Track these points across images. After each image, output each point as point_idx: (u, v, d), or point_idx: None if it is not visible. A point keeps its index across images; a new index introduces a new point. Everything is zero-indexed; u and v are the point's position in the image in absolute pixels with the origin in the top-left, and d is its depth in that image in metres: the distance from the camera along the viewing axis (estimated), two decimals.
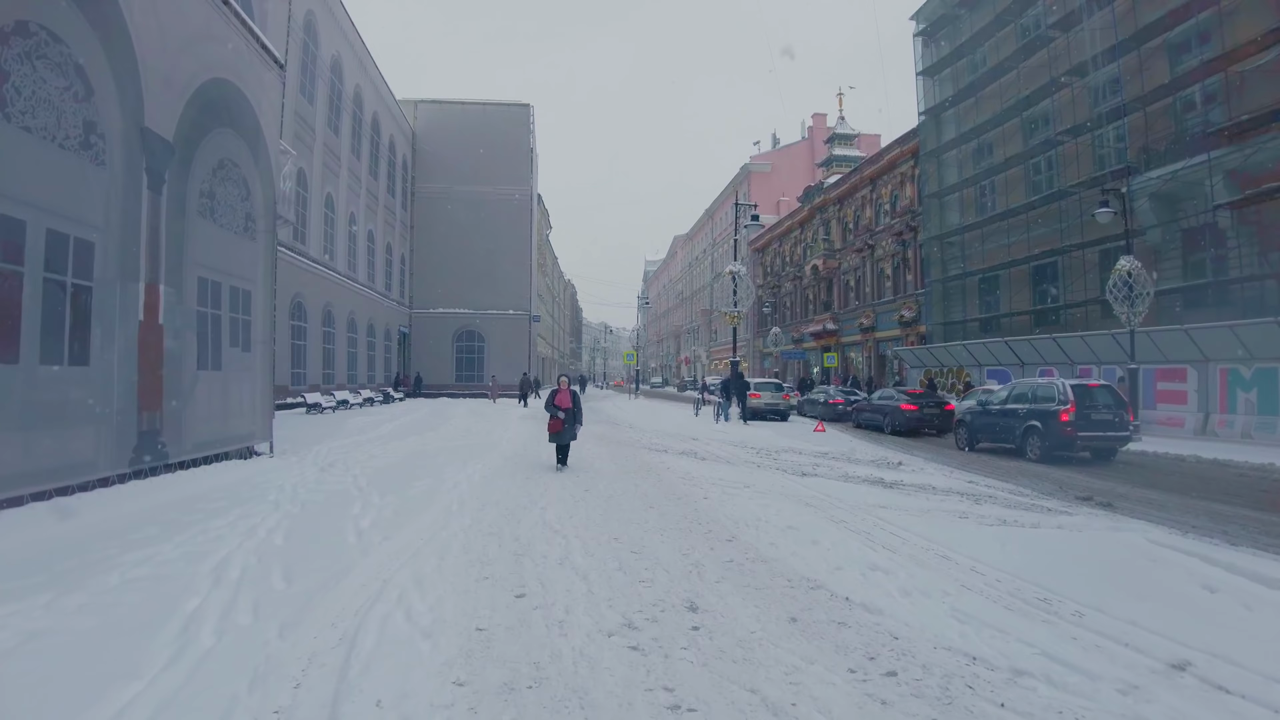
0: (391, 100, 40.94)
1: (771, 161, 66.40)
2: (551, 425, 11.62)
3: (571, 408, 11.55)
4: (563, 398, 11.63)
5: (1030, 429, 14.74)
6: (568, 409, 11.51)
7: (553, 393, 11.82)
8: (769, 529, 7.22)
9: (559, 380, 12.16)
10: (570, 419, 11.52)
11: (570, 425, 11.55)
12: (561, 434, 11.53)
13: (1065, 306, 26.57)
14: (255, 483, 8.94)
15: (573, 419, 11.58)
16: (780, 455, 13.90)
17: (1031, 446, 14.67)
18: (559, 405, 11.53)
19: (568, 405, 11.55)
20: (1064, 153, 26.59)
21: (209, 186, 9.28)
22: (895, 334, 39.38)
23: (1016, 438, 15.09)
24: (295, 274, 27.21)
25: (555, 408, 11.54)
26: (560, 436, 11.56)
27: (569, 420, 11.50)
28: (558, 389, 11.89)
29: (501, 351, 45.73)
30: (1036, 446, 14.55)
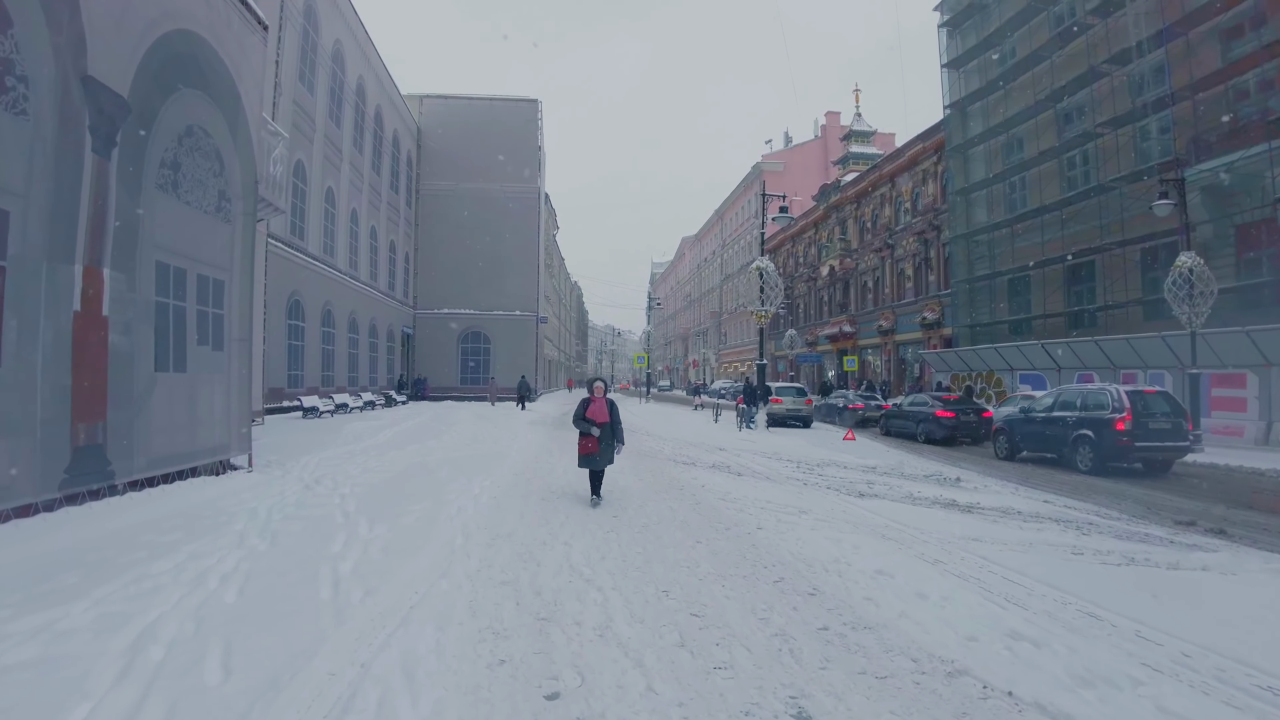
0: (396, 94, 39.60)
1: (784, 160, 64.98)
2: (583, 445, 8.84)
3: (609, 422, 8.84)
4: (597, 409, 8.86)
5: (1081, 438, 13.66)
6: (604, 424, 8.78)
7: (584, 403, 9.00)
8: (854, 575, 5.76)
9: (593, 386, 9.26)
10: (608, 438, 8.80)
11: (608, 446, 8.81)
12: (596, 457, 8.76)
13: (1104, 308, 25.04)
14: (223, 506, 7.51)
15: (611, 437, 8.84)
16: (823, 470, 12.44)
17: (1082, 457, 13.58)
18: (592, 419, 8.78)
19: (604, 419, 8.80)
20: (1103, 145, 25.12)
21: (173, 156, 7.85)
22: (916, 337, 37.97)
23: (1065, 447, 14.06)
24: (292, 270, 25.85)
25: (587, 422, 8.77)
26: (594, 460, 8.79)
27: (606, 439, 8.77)
28: (590, 397, 9.06)
29: (507, 353, 44.30)
30: (1088, 457, 13.46)
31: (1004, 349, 27.96)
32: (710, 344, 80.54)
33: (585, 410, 8.93)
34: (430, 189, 44.81)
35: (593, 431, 8.72)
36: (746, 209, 68.14)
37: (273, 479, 9.46)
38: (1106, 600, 5.24)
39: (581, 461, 8.94)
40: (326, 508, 7.72)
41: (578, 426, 8.94)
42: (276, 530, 6.58)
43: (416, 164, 44.56)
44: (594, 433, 8.71)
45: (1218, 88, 21.55)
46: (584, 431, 8.86)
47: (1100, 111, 25.14)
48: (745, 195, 68.59)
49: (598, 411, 8.86)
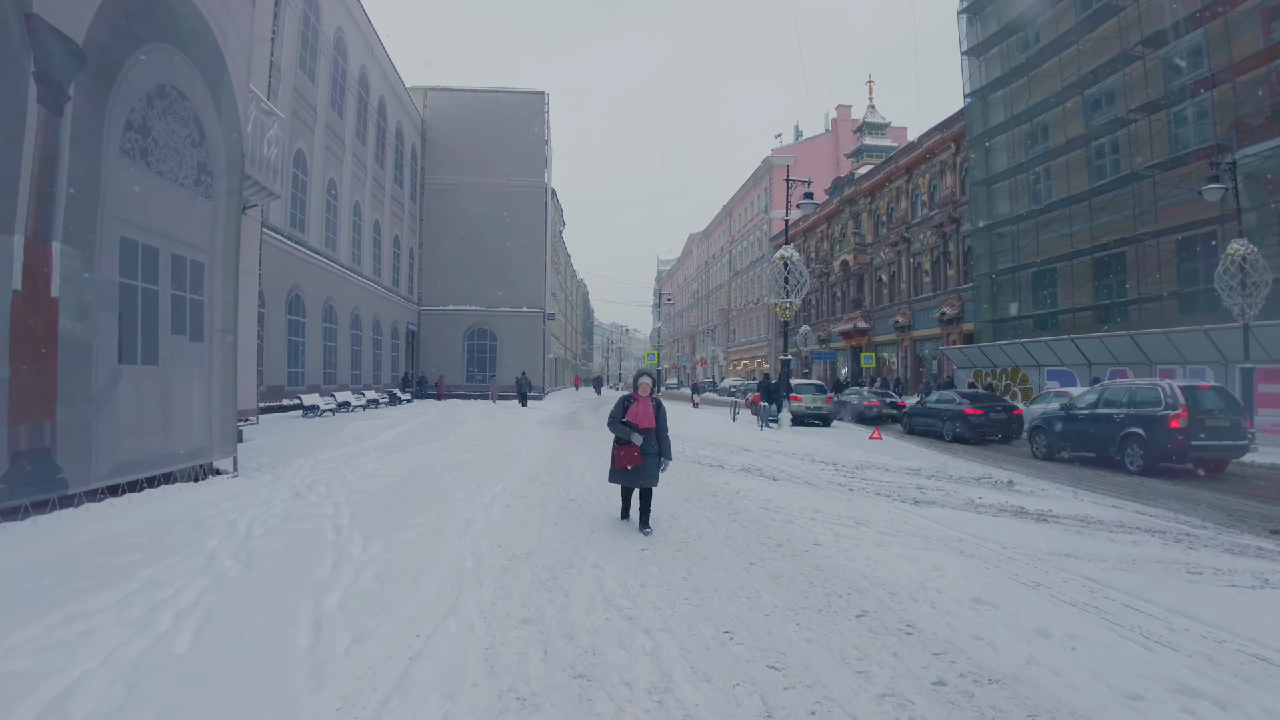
0: (400, 85, 38.64)
1: (794, 154, 63.67)
2: (620, 456, 7.04)
3: (656, 427, 7.04)
4: (641, 411, 7.00)
5: (1130, 437, 12.80)
6: (648, 430, 6.97)
7: (623, 402, 7.17)
8: (949, 604, 4.75)
9: (637, 382, 7.38)
10: (652, 448, 6.97)
11: (653, 460, 6.96)
12: (636, 472, 6.93)
13: (1137, 301, 23.91)
14: (198, 518, 6.52)
15: (657, 447, 7.02)
16: (864, 473, 11.41)
17: (1131, 457, 12.71)
18: (633, 422, 6.96)
19: (650, 424, 7.01)
20: (1135, 132, 23.99)
21: (142, 119, 6.85)
22: (935, 333, 36.93)
23: (1111, 447, 13.21)
24: (292, 264, 24.89)
25: (627, 426, 6.97)
26: (633, 476, 6.96)
27: (650, 450, 6.95)
28: (631, 396, 7.20)
29: (514, 351, 43.29)
30: (1138, 457, 12.58)
31: (1031, 344, 26.88)
32: (719, 341, 79.47)
33: (625, 411, 7.05)
34: (435, 183, 43.81)
35: (633, 439, 6.91)
36: (756, 204, 67.08)
37: (260, 485, 8.47)
38: (1266, 636, 4.24)
39: (615, 476, 7.12)
40: (317, 520, 6.71)
41: (615, 431, 7.13)
42: (255, 549, 5.57)
43: (421, 158, 43.59)
44: (635, 440, 6.90)
45: (1259, 69, 20.47)
46: (622, 438, 7.02)
47: (1132, 96, 24.01)
48: (754, 190, 67.51)
49: (641, 414, 6.98)
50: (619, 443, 7.10)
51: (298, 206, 25.64)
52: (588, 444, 15.36)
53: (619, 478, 7.12)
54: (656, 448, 7.03)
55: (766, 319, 63.47)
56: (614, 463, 7.13)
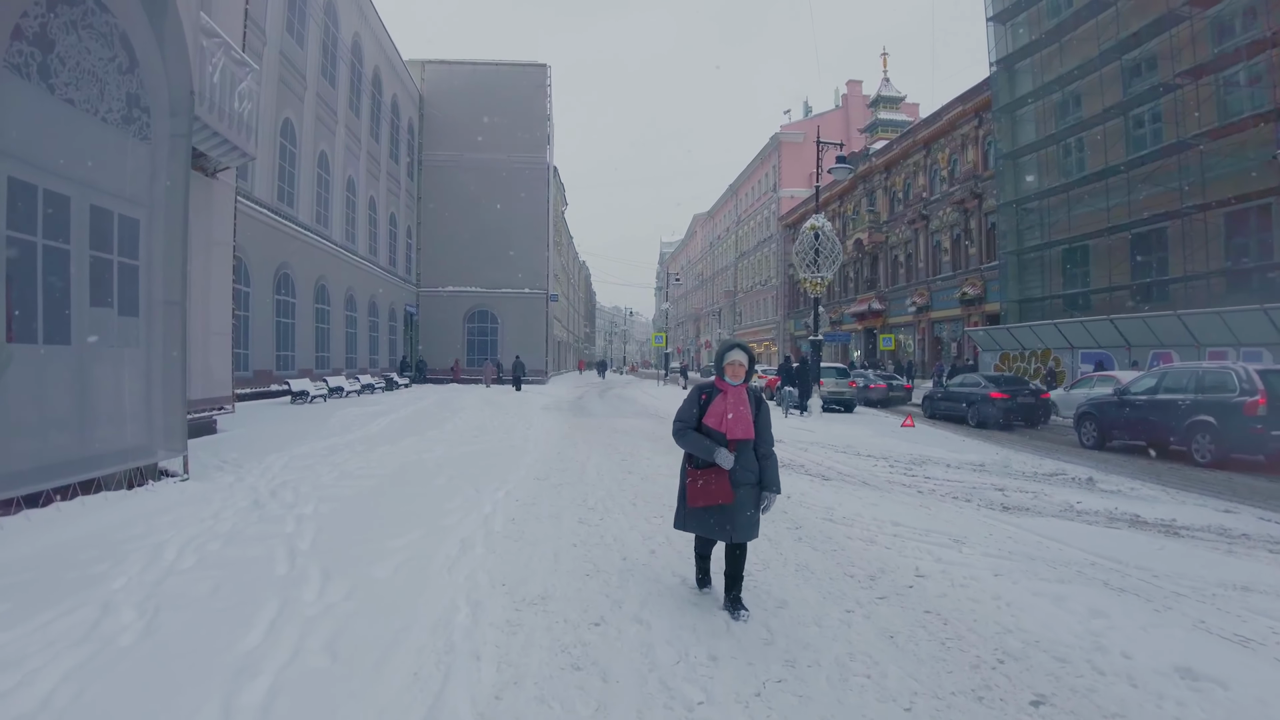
0: (396, 56, 36.90)
1: (804, 131, 61.83)
2: (697, 490, 4.23)
3: (756, 438, 4.32)
4: (730, 410, 4.24)
5: (1198, 425, 11.62)
6: (743, 442, 4.25)
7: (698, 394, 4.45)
8: (1150, 678, 3.28)
9: (724, 359, 4.44)
10: (752, 471, 4.30)
11: (749, 496, 4.27)
12: (725, 518, 4.23)
13: (1182, 279, 22.30)
14: (114, 542, 5.04)
15: (756, 473, 4.33)
16: (922, 469, 9.93)
17: (1200, 447, 11.53)
18: (719, 429, 4.23)
19: (748, 432, 4.25)
20: (1183, 98, 22.29)
21: (39, 27, 5.28)
22: (955, 314, 35.41)
23: (1175, 436, 12.11)
24: (280, 240, 23.35)
25: (704, 440, 4.25)
26: (722, 523, 4.25)
27: (747, 478, 4.26)
28: (715, 383, 4.45)
29: (516, 333, 41.76)
30: (1208, 447, 11.41)
31: (1065, 325, 25.35)
32: (725, 324, 77.85)
33: (705, 409, 4.32)
34: (433, 159, 42.17)
35: (720, 460, 4.14)
36: (764, 183, 65.31)
37: (214, 491, 6.99)
38: None
39: (688, 520, 4.39)
40: (269, 543, 5.22)
41: (687, 446, 4.36)
42: (172, 594, 4.08)
43: (419, 133, 41.92)
44: (723, 463, 4.14)
45: None
46: (700, 458, 4.26)
47: (1179, 60, 22.32)
48: (762, 168, 65.72)
49: (733, 416, 4.20)
50: (695, 466, 4.28)
51: (286, 180, 24.07)
52: (598, 434, 13.89)
53: (696, 524, 4.35)
54: (756, 474, 4.28)
55: (775, 300, 61.90)
56: (685, 497, 4.33)
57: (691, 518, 4.36)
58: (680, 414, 4.46)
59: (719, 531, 4.27)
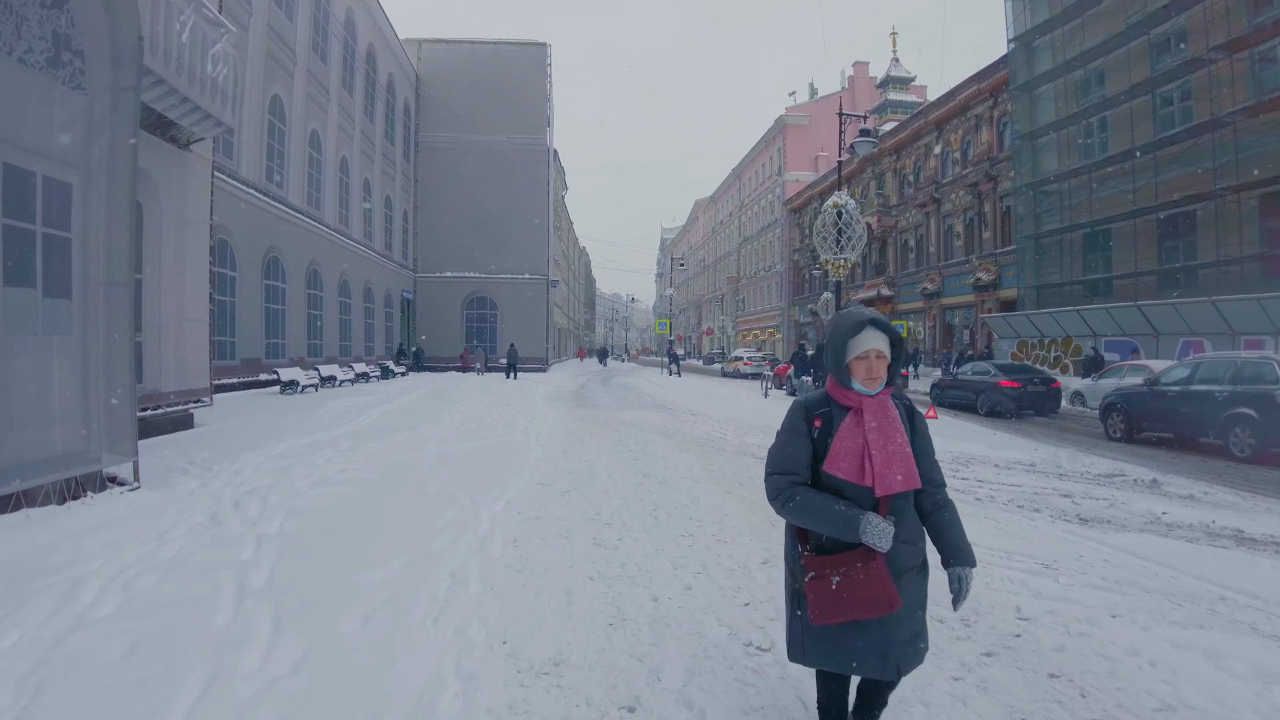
0: (391, 34, 35.70)
1: (809, 113, 60.69)
2: (832, 596, 2.31)
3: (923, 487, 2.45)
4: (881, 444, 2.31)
5: (1237, 418, 11.06)
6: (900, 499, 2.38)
7: (804, 417, 2.52)
8: None
9: (856, 339, 2.40)
10: (918, 538, 2.46)
11: (918, 587, 2.45)
12: (878, 641, 2.34)
13: (1215, 264, 21.26)
14: (22, 575, 4.05)
15: (922, 547, 2.47)
16: (969, 469, 8.95)
17: (1239, 441, 10.97)
18: (858, 480, 2.31)
19: (912, 481, 2.35)
20: (1216, 73, 21.19)
21: None
22: (967, 300, 34.43)
23: (1212, 429, 11.57)
24: (269, 223, 22.31)
25: (846, 508, 2.29)
26: (871, 653, 2.35)
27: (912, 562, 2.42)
28: (824, 397, 2.54)
29: (515, 320, 40.71)
30: (1248, 441, 10.81)
31: (1087, 312, 24.34)
32: (728, 311, 76.81)
33: (824, 445, 2.42)
34: (430, 141, 41.02)
35: (871, 537, 2.25)
36: (768, 166, 64.08)
37: (168, 502, 6.01)
38: None
39: (816, 650, 2.45)
40: (216, 576, 4.24)
41: (802, 518, 2.41)
42: (68, 661, 3.10)
43: (415, 114, 40.76)
44: (877, 541, 2.25)
45: None
46: (837, 537, 2.35)
47: (1214, 34, 21.22)
48: (766, 152, 64.48)
49: (882, 454, 2.32)
50: (817, 550, 2.43)
51: (275, 159, 23.01)
52: (605, 428, 12.90)
53: (831, 653, 2.43)
54: (923, 546, 2.50)
55: (779, 286, 60.84)
56: (806, 607, 2.40)
57: (825, 643, 2.41)
58: (777, 457, 2.53)
59: (872, 662, 2.36)
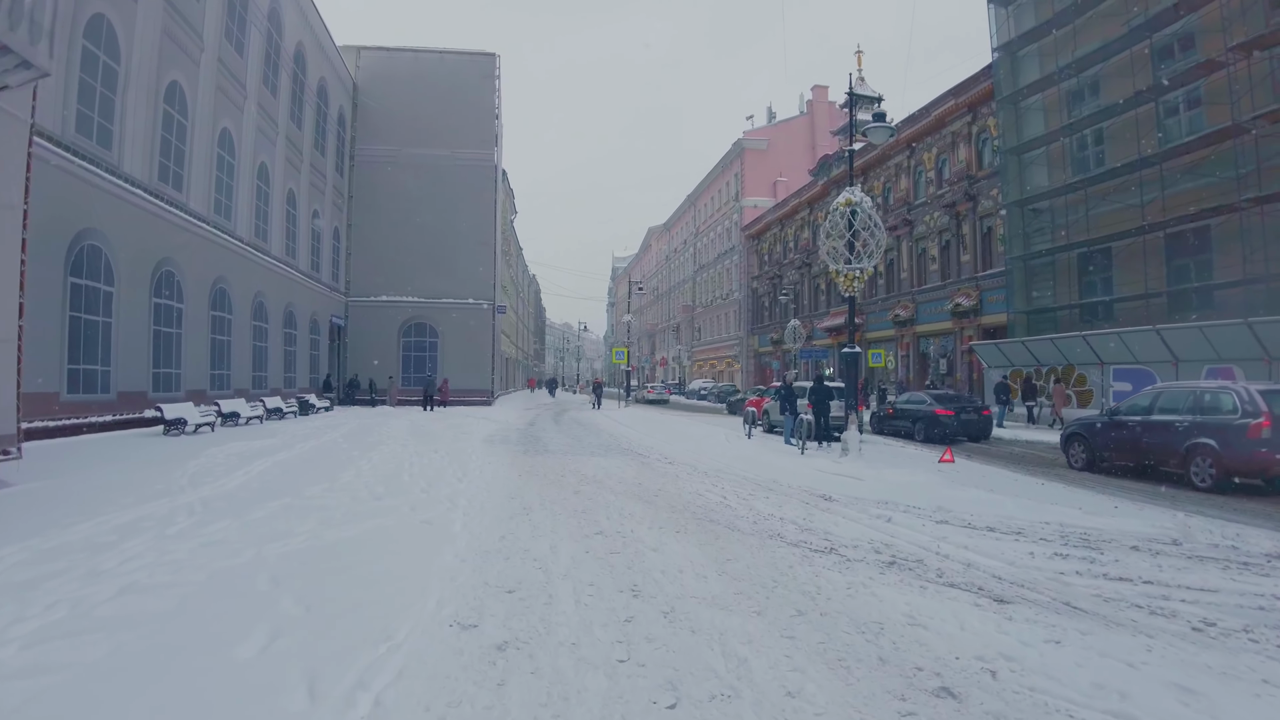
0: (326, 36, 32.44)
1: (768, 138, 58.84)
2: None
3: None
4: None
5: (1198, 448, 11.17)
6: None
7: None
8: None
9: None
10: None
11: None
12: None
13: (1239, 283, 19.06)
14: None
15: None
16: (1092, 554, 6.06)
17: (1199, 471, 11.11)
18: None
19: None
20: (1234, 77, 19.19)
21: None
22: (945, 327, 32.17)
23: (1173, 459, 11.70)
24: (162, 230, 18.82)
25: None
26: None
27: None
28: None
29: (458, 348, 37.22)
30: (1208, 471, 10.96)
31: (1094, 338, 22.04)
32: (683, 340, 74.13)
33: None
34: (367, 155, 37.65)
35: None
36: (725, 191, 61.95)
37: None
38: None
39: None
40: None
41: None
42: None
43: (351, 125, 37.40)
44: None
45: None
46: None
47: (1231, 34, 19.27)
48: (724, 177, 62.37)
49: None
50: None
51: (173, 156, 19.53)
52: (562, 487, 9.72)
53: None
54: None
55: (737, 315, 58.40)
56: None
57: None
58: None
59: None
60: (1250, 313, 18.22)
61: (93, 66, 15.94)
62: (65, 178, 14.87)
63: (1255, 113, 18.57)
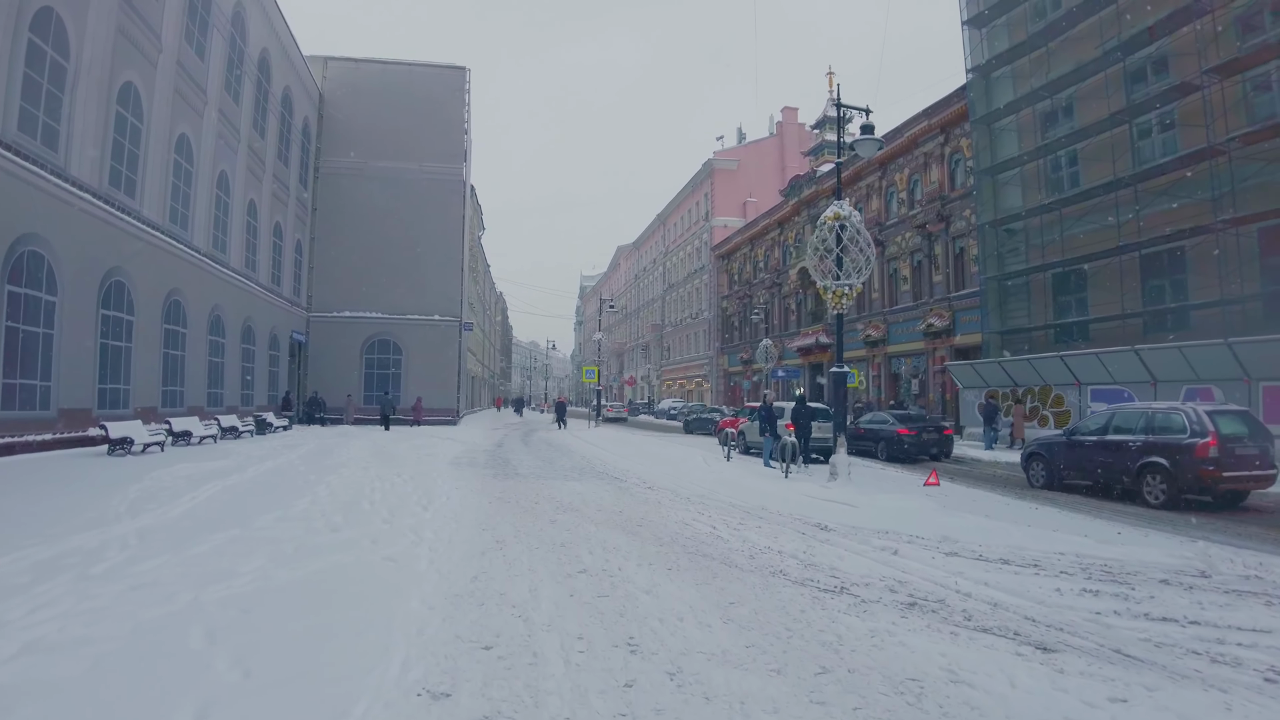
0: (292, 44, 31.57)
1: (738, 158, 58.85)
2: None
3: None
4: None
5: (1150, 467, 11.70)
6: None
7: None
8: None
9: None
10: None
11: None
12: None
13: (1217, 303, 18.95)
14: None
15: None
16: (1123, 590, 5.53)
17: (1152, 489, 11.62)
18: None
19: None
20: (1209, 99, 19.21)
21: None
22: (916, 348, 32.06)
23: (1127, 477, 12.17)
24: (110, 237, 17.85)
25: None
26: None
27: None
28: None
29: (423, 366, 36.19)
30: (1160, 489, 11.49)
31: (1073, 359, 21.87)
32: (651, 359, 73.61)
33: None
34: (333, 168, 36.66)
35: None
36: (695, 211, 61.80)
37: None
38: None
39: None
40: None
41: None
42: None
43: (316, 136, 36.43)
44: None
45: None
46: None
47: (1205, 57, 19.33)
48: (694, 197, 62.23)
49: None
50: None
51: (125, 160, 18.59)
52: (537, 516, 9.02)
53: None
54: None
55: (707, 335, 58.06)
56: None
57: None
58: None
59: None
60: (1227, 333, 18.16)
61: (39, 62, 15.04)
62: (4, 179, 13.94)
63: (1230, 134, 18.59)
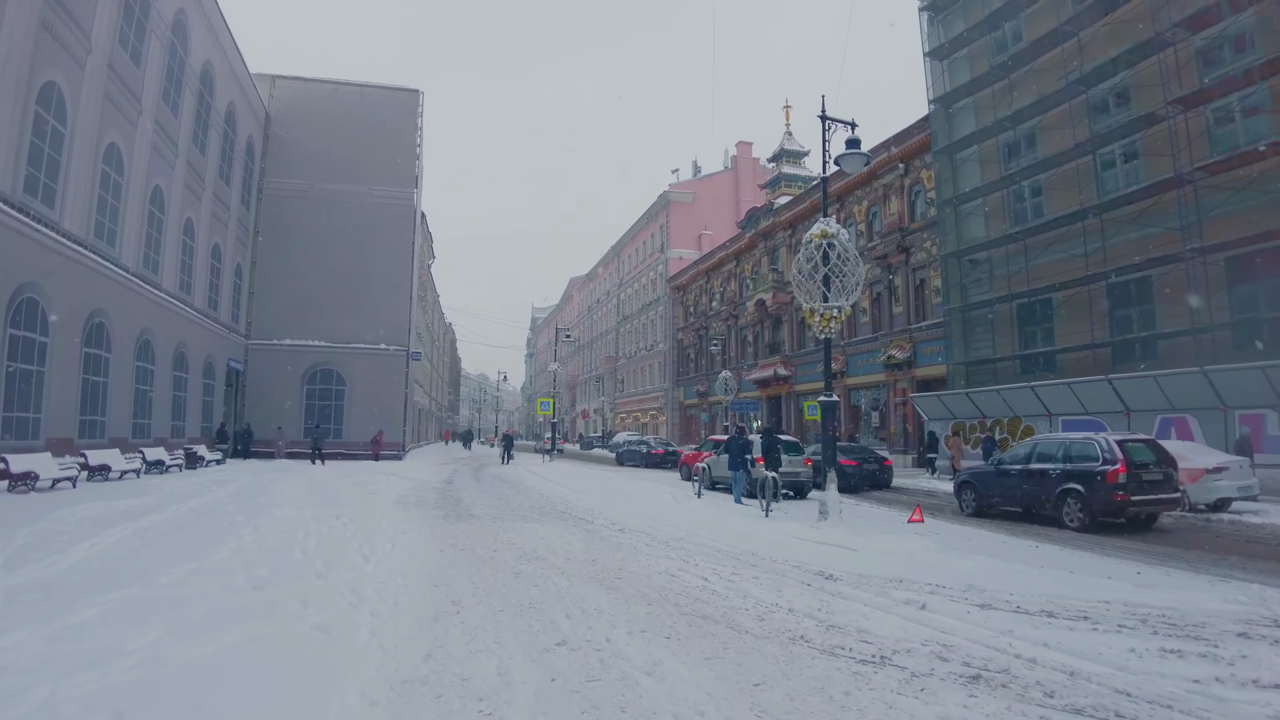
0: (238, 59, 30.15)
1: (694, 191, 58.61)
2: None
3: None
4: None
5: (1068, 493, 12.59)
6: None
7: None
8: None
9: None
10: None
11: None
12: None
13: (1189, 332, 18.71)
14: None
15: None
16: (1208, 648, 4.65)
17: (1070, 513, 12.52)
18: None
19: None
20: (1175, 129, 19.18)
21: None
22: (877, 380, 31.63)
23: (1048, 503, 13.04)
24: (21, 249, 16.23)
25: None
26: None
27: None
28: None
29: (367, 397, 34.40)
30: (1077, 513, 12.37)
31: (1043, 389, 21.49)
32: (605, 392, 72.45)
33: None
34: (277, 190, 35.09)
35: None
36: (651, 243, 61.29)
37: None
38: None
39: None
40: None
41: None
42: None
43: (261, 156, 34.88)
44: None
45: None
46: None
47: (1170, 88, 19.34)
48: (649, 229, 61.75)
49: None
50: None
51: (43, 166, 17.04)
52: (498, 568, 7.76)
53: None
54: None
55: (662, 367, 57.22)
56: None
57: None
58: None
59: None
60: (1198, 362, 17.95)
61: None
62: None
63: (1195, 165, 18.54)
